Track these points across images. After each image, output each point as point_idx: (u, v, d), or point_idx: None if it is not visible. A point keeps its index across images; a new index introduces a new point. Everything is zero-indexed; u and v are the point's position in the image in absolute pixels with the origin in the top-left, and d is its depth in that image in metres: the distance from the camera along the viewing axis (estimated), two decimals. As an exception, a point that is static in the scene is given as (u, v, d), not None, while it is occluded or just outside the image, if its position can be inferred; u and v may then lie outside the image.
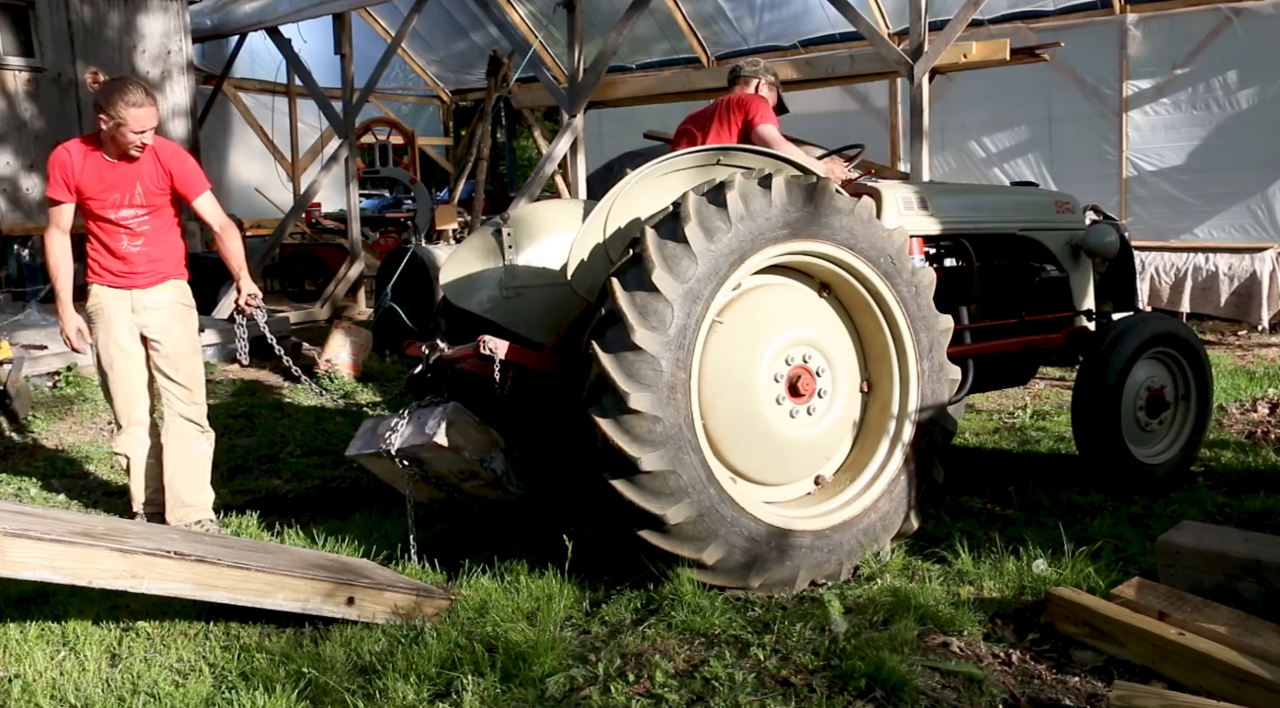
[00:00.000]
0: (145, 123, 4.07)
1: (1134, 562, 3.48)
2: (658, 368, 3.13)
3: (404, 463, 3.77)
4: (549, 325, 3.84)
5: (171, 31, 10.77)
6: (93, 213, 4.22)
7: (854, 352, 3.70)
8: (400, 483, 3.89)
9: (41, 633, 3.22)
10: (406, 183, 14.02)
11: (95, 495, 5.02)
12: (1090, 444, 4.47)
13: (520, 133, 17.27)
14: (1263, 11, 9.24)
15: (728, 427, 3.39)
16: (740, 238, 3.30)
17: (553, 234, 3.99)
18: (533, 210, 4.19)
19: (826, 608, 3.16)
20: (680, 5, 12.41)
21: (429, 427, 3.67)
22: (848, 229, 3.50)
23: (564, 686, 2.76)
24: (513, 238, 3.94)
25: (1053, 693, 2.68)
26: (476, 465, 3.71)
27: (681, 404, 3.18)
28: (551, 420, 3.75)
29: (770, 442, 3.47)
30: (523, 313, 3.88)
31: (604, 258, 3.55)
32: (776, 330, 3.47)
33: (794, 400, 3.50)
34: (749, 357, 3.41)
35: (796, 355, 3.51)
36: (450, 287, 4.01)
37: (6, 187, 9.68)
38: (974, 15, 7.42)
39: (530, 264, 3.94)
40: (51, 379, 7.09)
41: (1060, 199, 5.01)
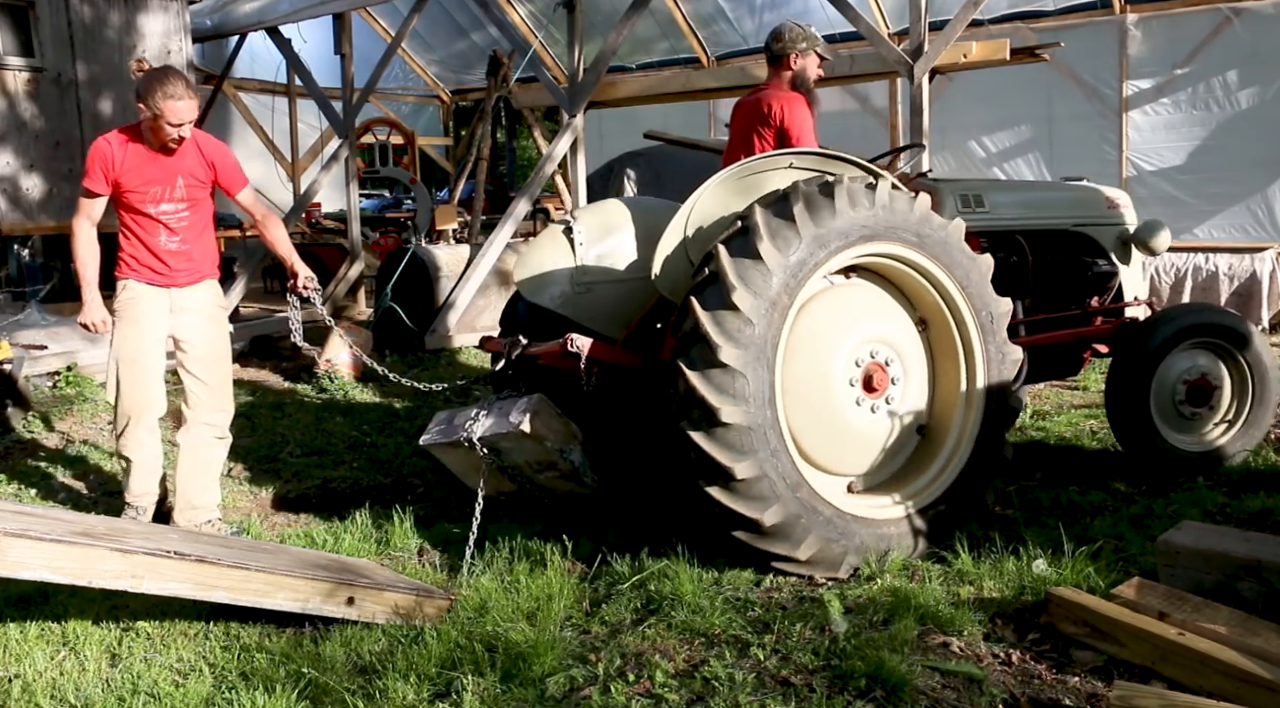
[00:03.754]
0: (183, 116, 4.03)
1: (1134, 562, 3.48)
2: (744, 381, 3.29)
3: (483, 452, 3.85)
4: (619, 320, 4.01)
5: (171, 31, 10.77)
6: (130, 206, 4.14)
7: (921, 343, 3.84)
8: (472, 474, 4.01)
9: (42, 633, 3.22)
10: (406, 183, 14.02)
11: (95, 495, 5.02)
12: (1121, 431, 4.69)
13: (520, 133, 17.28)
14: (1263, 11, 9.24)
15: (810, 425, 3.56)
16: (811, 247, 3.44)
17: (621, 232, 4.12)
18: (601, 209, 4.29)
19: (826, 608, 3.16)
20: (680, 5, 12.41)
21: (513, 416, 3.77)
22: (911, 228, 3.63)
23: (564, 686, 2.76)
24: (583, 236, 4.07)
25: (1053, 693, 2.68)
26: (556, 456, 3.81)
27: (769, 412, 3.34)
28: (626, 412, 3.95)
29: (850, 436, 3.65)
30: (593, 308, 4.02)
31: (685, 259, 3.70)
32: (849, 330, 3.63)
33: (869, 396, 3.66)
34: (826, 358, 3.58)
35: (870, 353, 3.67)
36: (524, 283, 4.14)
37: (6, 186, 9.68)
38: (974, 15, 7.42)
39: (600, 261, 4.08)
40: (51, 379, 7.09)
41: (1111, 195, 5.14)
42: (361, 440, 6.17)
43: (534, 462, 3.89)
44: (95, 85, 10.22)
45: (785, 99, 4.55)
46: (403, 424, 6.56)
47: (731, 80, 9.87)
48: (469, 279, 8.81)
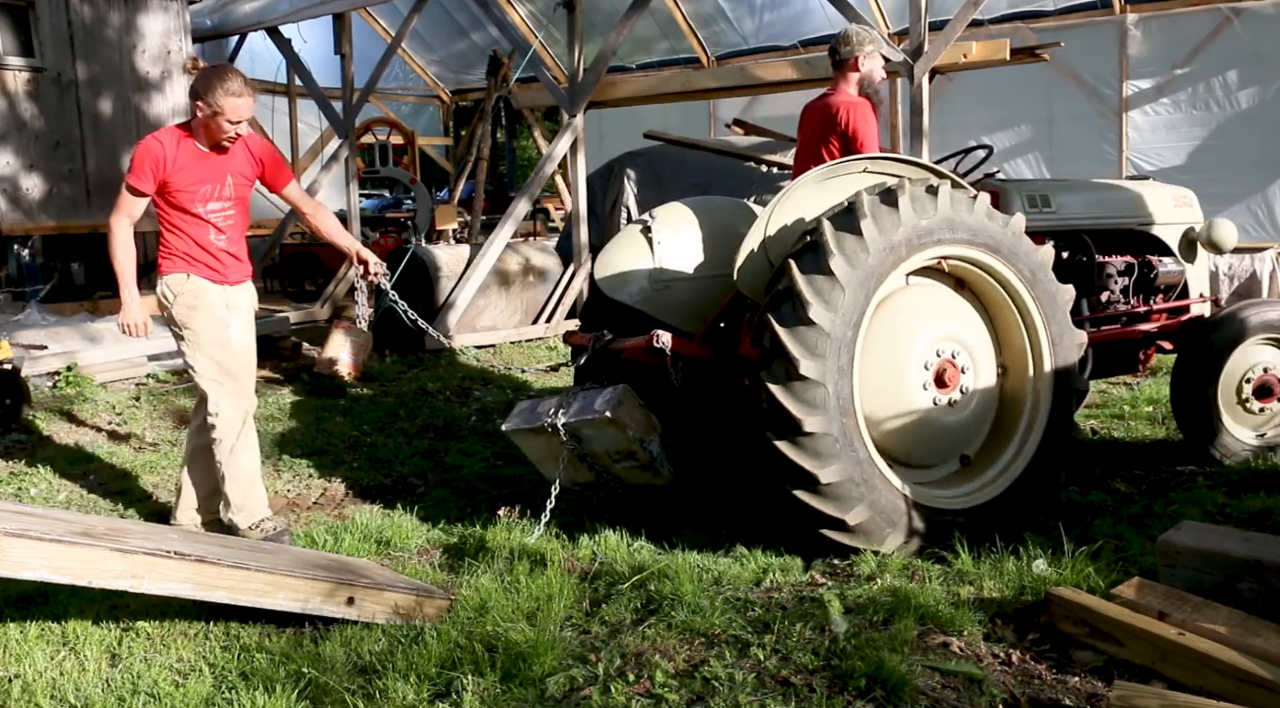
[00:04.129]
0: (243, 113, 4.04)
1: (1134, 562, 3.47)
2: (827, 341, 3.48)
3: (565, 438, 3.98)
4: (695, 316, 4.17)
5: (171, 31, 10.77)
6: (178, 205, 4.11)
7: (990, 339, 3.99)
8: (549, 462, 4.18)
9: (42, 633, 3.22)
10: (406, 183, 14.03)
11: (95, 495, 5.03)
12: (1186, 425, 4.86)
13: (520, 133, 17.28)
14: (1263, 11, 9.24)
15: (881, 414, 3.72)
16: (907, 236, 3.62)
17: (696, 232, 4.26)
18: (678, 209, 4.41)
19: (826, 608, 3.16)
20: (680, 5, 12.41)
21: (598, 404, 3.92)
22: (972, 228, 3.78)
23: (564, 686, 2.76)
24: (660, 235, 4.21)
25: (1053, 693, 2.68)
26: (636, 446, 3.94)
27: (844, 377, 3.52)
28: (703, 404, 4.12)
29: (919, 428, 3.80)
30: (671, 304, 4.16)
31: (764, 260, 3.84)
32: (920, 330, 3.79)
33: (940, 391, 3.80)
34: (901, 353, 3.75)
35: (941, 350, 3.81)
36: (604, 280, 4.29)
37: (6, 186, 9.68)
38: (974, 15, 7.43)
39: (676, 259, 4.22)
40: (51, 379, 7.09)
41: (1178, 194, 5.21)
42: (361, 440, 6.17)
43: (613, 451, 4.01)
44: (95, 85, 10.22)
45: (851, 104, 4.68)
46: (403, 424, 6.56)
47: (731, 80, 9.88)
48: (469, 279, 8.82)
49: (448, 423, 6.60)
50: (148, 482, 5.24)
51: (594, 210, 9.90)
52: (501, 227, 9.25)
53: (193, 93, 4.04)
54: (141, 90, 10.56)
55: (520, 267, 9.44)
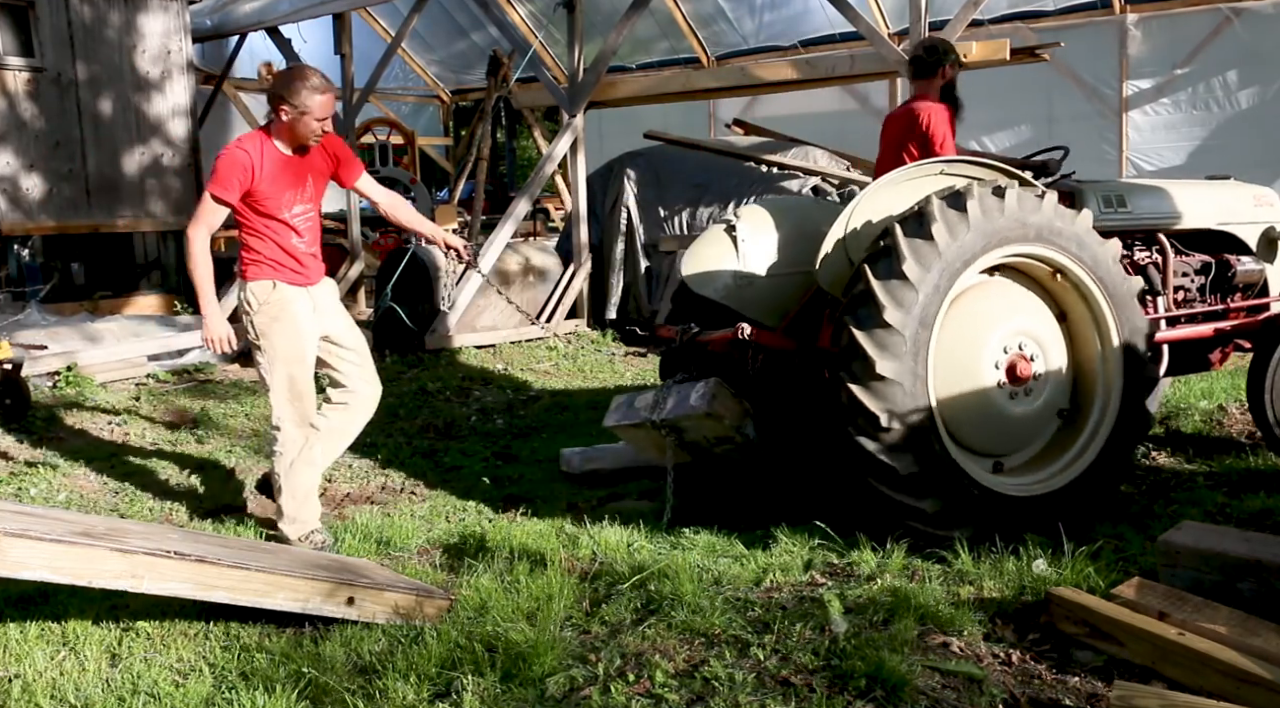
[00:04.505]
0: (328, 110, 4.06)
1: (1134, 562, 3.47)
2: (902, 342, 3.63)
3: (665, 431, 4.23)
4: (775, 310, 4.36)
5: (171, 31, 10.77)
6: (263, 212, 4.07)
7: (1061, 332, 4.10)
8: (651, 450, 4.50)
9: (42, 633, 3.22)
10: (406, 183, 14.02)
11: (95, 495, 5.02)
12: (1264, 423, 4.89)
13: (520, 133, 17.28)
14: (1263, 11, 9.25)
15: (956, 407, 3.84)
16: (976, 238, 3.76)
17: (779, 230, 4.42)
18: (761, 209, 4.59)
19: (826, 608, 3.16)
20: (680, 5, 12.41)
21: (694, 399, 4.17)
22: (1041, 227, 3.89)
23: (564, 686, 2.76)
24: (744, 234, 4.37)
25: (1053, 693, 2.68)
26: (733, 432, 4.18)
27: (919, 375, 3.67)
28: (785, 393, 4.38)
29: (993, 419, 3.93)
30: (754, 300, 4.34)
31: (844, 258, 4.00)
32: (992, 326, 3.92)
33: (1013, 384, 3.93)
34: (974, 348, 3.89)
35: (1013, 345, 3.95)
36: (690, 277, 4.47)
37: (7, 186, 9.68)
38: (974, 15, 7.43)
39: (760, 257, 4.38)
40: (51, 379, 7.09)
41: (1258, 193, 5.23)
42: (361, 440, 6.17)
43: (712, 437, 4.26)
44: (95, 85, 10.22)
45: (932, 107, 4.90)
46: (402, 424, 6.57)
47: (731, 80, 9.88)
48: (469, 279, 8.81)
49: (448, 423, 6.60)
50: (148, 481, 5.24)
51: (594, 210, 9.90)
52: (501, 227, 9.26)
53: (275, 97, 4.01)
54: (142, 90, 10.57)
55: (520, 267, 9.44)
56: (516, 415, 6.90)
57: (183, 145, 10.93)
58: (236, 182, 3.99)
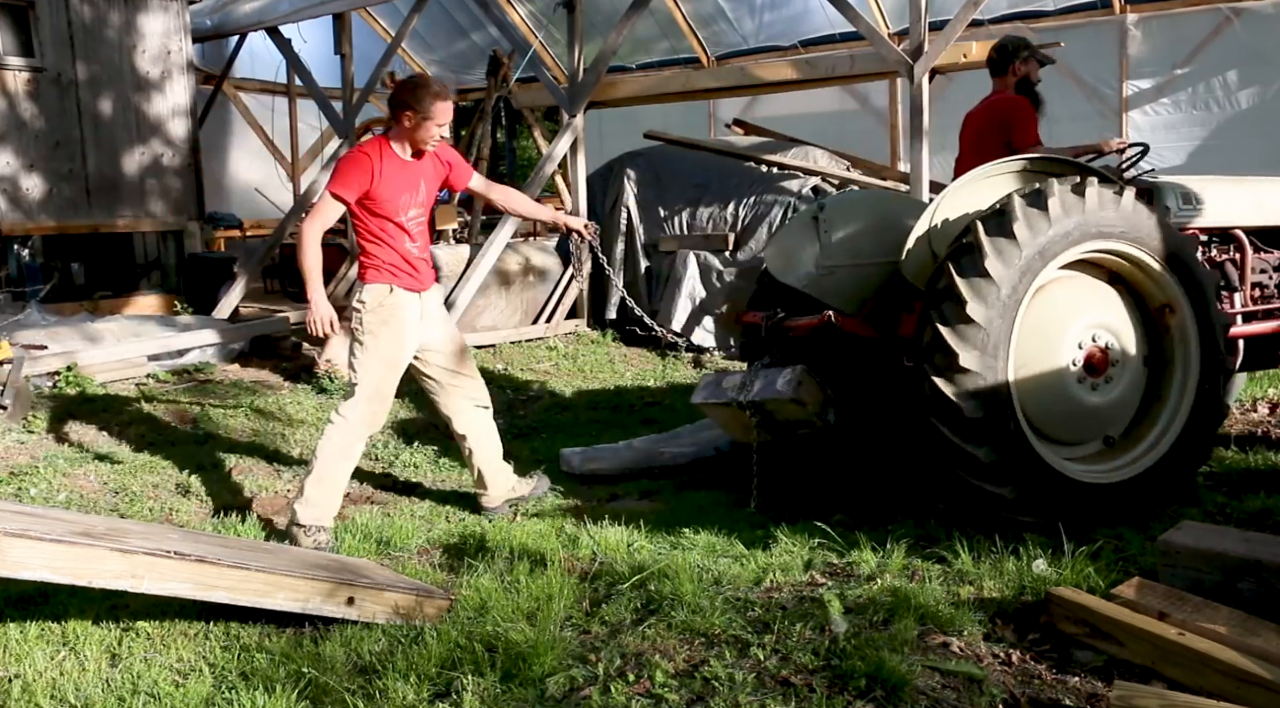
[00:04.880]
0: (448, 116, 4.25)
1: (1134, 562, 3.47)
2: (984, 336, 3.78)
3: (749, 412, 4.41)
4: (855, 299, 4.52)
5: (171, 31, 10.77)
6: (380, 214, 4.25)
7: (1138, 325, 4.20)
8: (734, 428, 4.68)
9: (41, 633, 3.22)
10: (406, 183, 14.00)
11: (95, 495, 5.02)
12: None
13: (520, 133, 17.26)
14: (1263, 11, 9.24)
15: (1035, 398, 3.95)
16: (1056, 234, 3.88)
17: (862, 222, 4.57)
18: (844, 200, 4.78)
19: (826, 608, 3.16)
20: (680, 5, 12.41)
21: (780, 384, 4.35)
22: (1120, 223, 4.01)
23: (564, 686, 2.76)
24: (827, 224, 4.52)
25: (1053, 693, 2.68)
26: (815, 418, 4.36)
27: (1000, 368, 3.82)
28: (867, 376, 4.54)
29: (1070, 409, 4.05)
30: (835, 288, 4.49)
31: (928, 251, 4.15)
32: (1074, 317, 4.05)
33: (1090, 377, 4.06)
34: (1053, 341, 4.01)
35: (1091, 337, 4.06)
36: (773, 264, 4.65)
37: (7, 186, 9.68)
38: (974, 15, 7.42)
39: (842, 247, 4.52)
40: (51, 379, 7.09)
41: None
42: (361, 440, 6.17)
43: (793, 421, 4.43)
44: (95, 85, 10.22)
45: (1011, 101, 5.03)
46: (402, 424, 6.57)
47: (731, 80, 9.87)
48: (469, 279, 8.81)
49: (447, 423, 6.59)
50: (147, 482, 5.24)
51: (594, 210, 9.89)
52: (501, 227, 9.25)
53: (398, 103, 4.20)
54: (142, 90, 10.56)
55: (520, 267, 9.44)
56: (516, 415, 6.90)
57: (183, 145, 10.93)
58: (356, 182, 4.18)
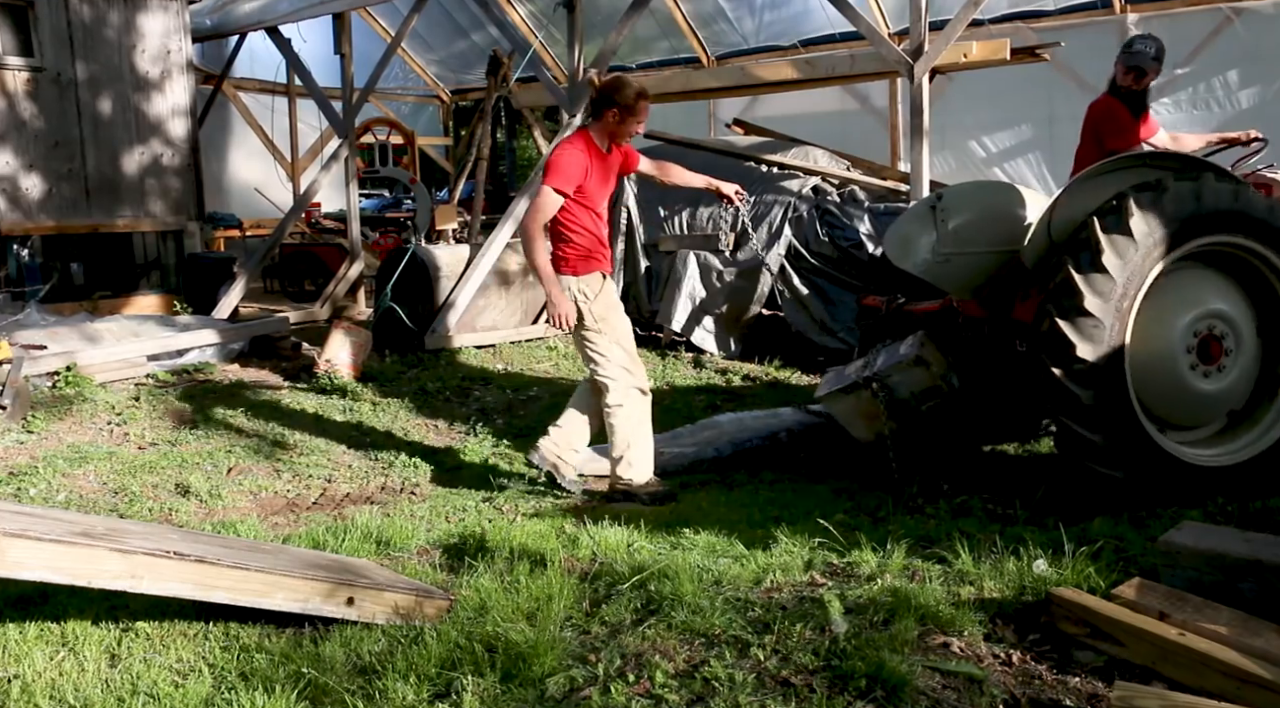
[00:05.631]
0: (646, 113, 4.69)
1: (1134, 562, 3.47)
2: (1101, 328, 3.96)
3: (877, 390, 4.60)
4: (968, 285, 4.71)
5: (171, 31, 10.77)
6: (585, 205, 4.62)
7: (1252, 314, 4.32)
8: (857, 421, 4.83)
9: (41, 633, 3.22)
10: (406, 183, 14.03)
11: (95, 496, 5.02)
12: None
13: (520, 133, 17.29)
14: (1263, 11, 9.24)
15: (1151, 384, 4.12)
16: (1170, 229, 4.02)
17: (976, 212, 4.74)
18: (962, 191, 4.95)
19: (826, 608, 3.16)
20: (680, 5, 12.41)
21: (904, 349, 4.61)
22: (1245, 217, 4.13)
23: (564, 686, 2.75)
24: (944, 214, 4.67)
25: (1053, 693, 2.67)
26: (940, 381, 4.57)
27: (1116, 357, 3.98)
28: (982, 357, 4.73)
29: (1183, 394, 4.20)
30: (951, 274, 4.68)
31: (1046, 237, 4.35)
32: (1188, 307, 4.18)
33: (1204, 365, 4.21)
34: (1168, 330, 4.16)
35: (1206, 327, 4.20)
36: (891, 251, 4.82)
37: (6, 186, 9.68)
38: (974, 15, 7.42)
39: (958, 235, 4.69)
40: (51, 379, 7.09)
41: None
42: (361, 440, 6.18)
43: (919, 391, 4.61)
44: (94, 85, 10.22)
45: (1097, 110, 5.30)
46: (402, 424, 6.57)
47: (731, 80, 9.88)
48: (469, 279, 8.81)
49: (448, 423, 6.60)
50: (147, 482, 5.23)
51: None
52: (501, 227, 9.25)
53: (602, 100, 4.60)
54: (141, 90, 10.57)
55: (520, 267, 9.44)
56: (516, 415, 6.90)
57: (182, 145, 10.94)
58: (575, 176, 4.54)
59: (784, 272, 8.38)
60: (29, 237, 9.90)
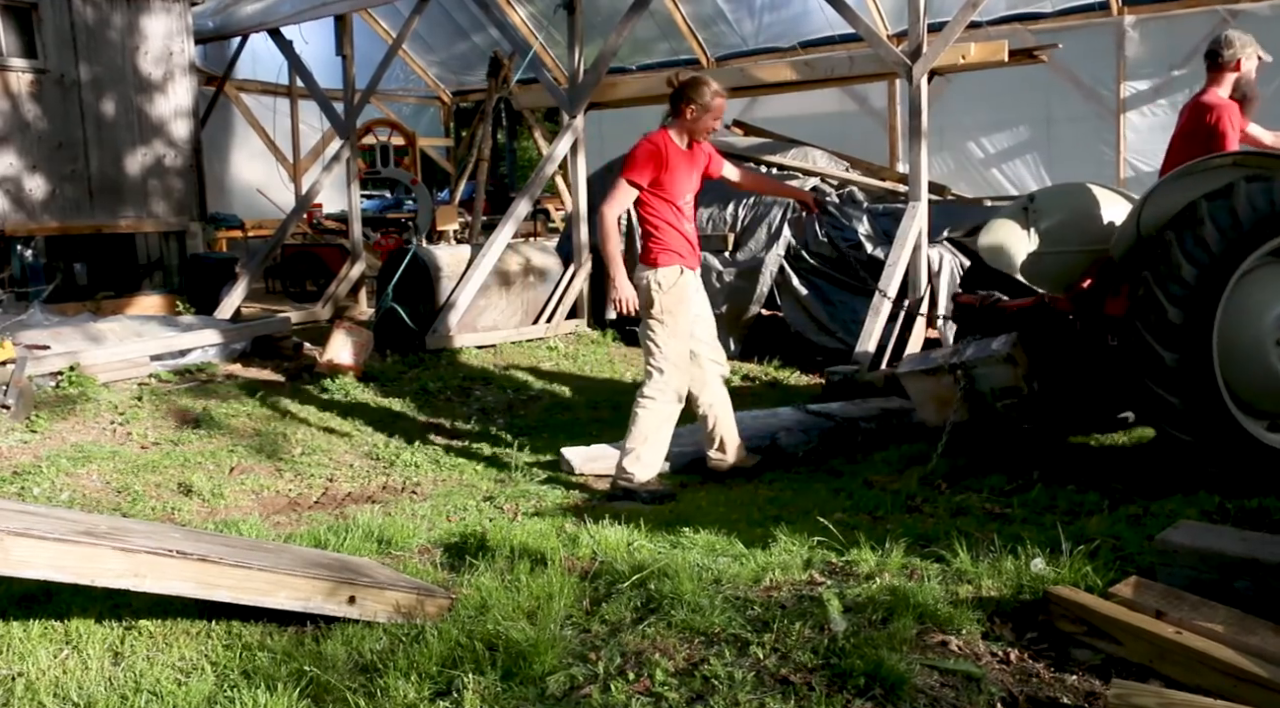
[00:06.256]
0: (723, 111, 4.86)
1: (1132, 561, 3.48)
2: (1192, 298, 4.13)
3: (959, 376, 4.75)
4: (1060, 283, 4.87)
5: (174, 33, 10.80)
6: (666, 199, 4.79)
7: None
8: (929, 404, 5.00)
9: (44, 632, 3.23)
10: (407, 184, 14.04)
11: (98, 495, 5.04)
12: None
13: (521, 134, 17.29)
14: (1260, 13, 9.26)
15: (1242, 373, 4.25)
16: (1260, 225, 4.15)
17: (1068, 212, 4.89)
18: (1052, 192, 5.13)
19: (826, 607, 3.17)
20: (680, 6, 12.42)
21: (995, 345, 4.71)
22: None
23: (564, 684, 2.77)
24: (1036, 215, 4.83)
25: (1051, 692, 2.69)
26: (1023, 383, 4.66)
27: (1204, 328, 4.13)
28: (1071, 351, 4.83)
29: (1270, 381, 4.29)
30: (1044, 272, 4.86)
31: (1135, 232, 4.49)
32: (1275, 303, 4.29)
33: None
34: (1255, 324, 4.28)
35: None
36: (985, 252, 4.98)
37: (10, 187, 9.70)
38: (972, 17, 7.43)
39: (1050, 235, 4.85)
40: (54, 379, 7.10)
41: None
42: (363, 440, 6.19)
43: (1000, 387, 4.73)
44: (98, 86, 10.24)
45: (1221, 106, 5.27)
46: (403, 424, 6.58)
47: (731, 81, 9.84)
48: (470, 279, 8.83)
49: (449, 423, 6.62)
50: (150, 481, 5.25)
51: (594, 210, 9.91)
52: (502, 227, 9.27)
53: (681, 98, 4.76)
54: (144, 91, 10.59)
55: (521, 267, 9.46)
56: (517, 415, 6.92)
57: (185, 146, 10.96)
58: (649, 167, 4.71)
59: (783, 272, 8.40)
60: (33, 237, 9.92)
